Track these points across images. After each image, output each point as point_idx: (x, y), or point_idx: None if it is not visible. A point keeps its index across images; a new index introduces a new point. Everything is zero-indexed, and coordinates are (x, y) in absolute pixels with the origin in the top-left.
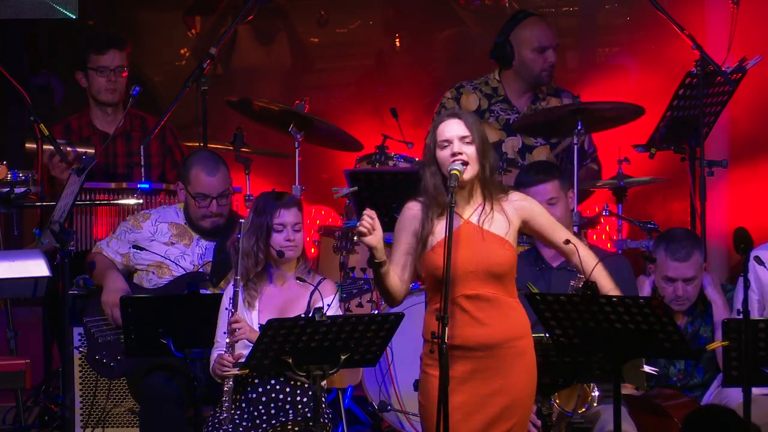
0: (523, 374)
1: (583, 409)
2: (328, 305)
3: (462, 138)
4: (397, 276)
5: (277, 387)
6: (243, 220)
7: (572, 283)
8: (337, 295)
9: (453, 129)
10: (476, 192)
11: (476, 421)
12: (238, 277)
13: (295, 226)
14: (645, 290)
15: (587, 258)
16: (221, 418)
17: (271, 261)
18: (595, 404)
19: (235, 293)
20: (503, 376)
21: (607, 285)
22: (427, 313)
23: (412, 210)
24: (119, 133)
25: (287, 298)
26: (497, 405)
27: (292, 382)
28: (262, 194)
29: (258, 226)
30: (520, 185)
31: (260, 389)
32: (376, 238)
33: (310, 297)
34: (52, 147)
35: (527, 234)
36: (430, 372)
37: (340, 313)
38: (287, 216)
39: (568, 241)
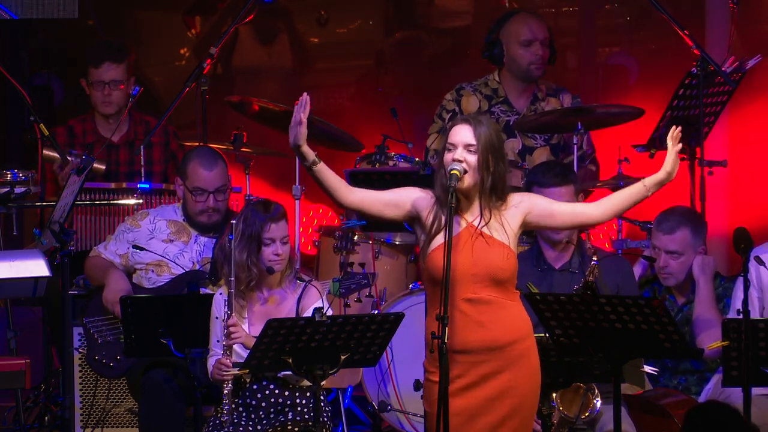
0: (527, 376)
1: (587, 414)
2: (318, 308)
3: (467, 146)
4: (338, 177)
5: (276, 391)
6: (234, 221)
7: (575, 288)
8: (326, 298)
9: (460, 135)
10: (476, 200)
11: (482, 424)
12: (233, 279)
13: (283, 239)
14: (641, 265)
15: (589, 207)
16: (222, 420)
17: (260, 273)
18: (597, 409)
19: (230, 294)
20: (508, 379)
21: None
22: (428, 318)
23: (425, 193)
24: (122, 142)
25: (275, 305)
26: (503, 407)
27: (290, 385)
28: (248, 205)
29: (248, 239)
30: (534, 184)
31: (259, 395)
32: (303, 130)
33: (298, 303)
34: (59, 156)
35: (534, 228)
36: (433, 379)
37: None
38: (276, 230)
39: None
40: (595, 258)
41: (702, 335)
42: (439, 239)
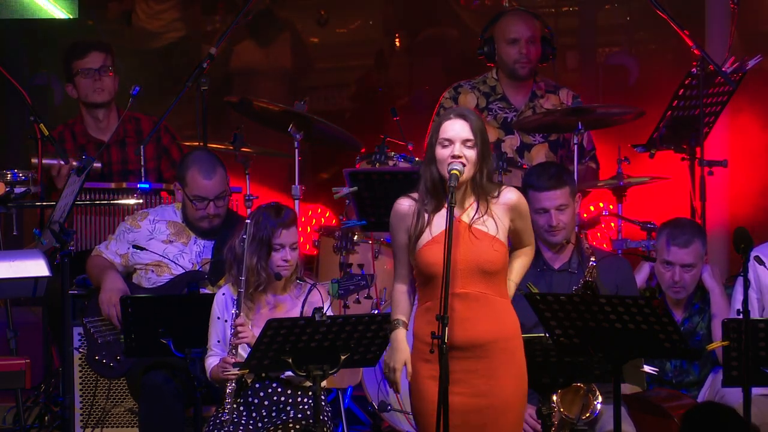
0: (511, 376)
1: (587, 415)
2: (318, 308)
3: (465, 141)
4: (407, 292)
5: (279, 390)
6: (248, 220)
7: (574, 288)
8: (330, 301)
9: (457, 130)
10: (469, 192)
11: (466, 424)
12: (243, 278)
13: (293, 245)
14: (643, 272)
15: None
16: (223, 419)
17: (267, 277)
18: (597, 410)
19: (240, 294)
20: (491, 377)
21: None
22: (417, 311)
23: (403, 206)
24: (113, 141)
25: (280, 309)
26: (486, 406)
27: (292, 385)
28: (260, 209)
29: (258, 243)
30: (530, 187)
31: (261, 393)
32: (408, 363)
33: (302, 306)
34: (54, 162)
35: None
36: (422, 372)
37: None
38: (287, 236)
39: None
40: (593, 258)
41: None
42: (426, 236)
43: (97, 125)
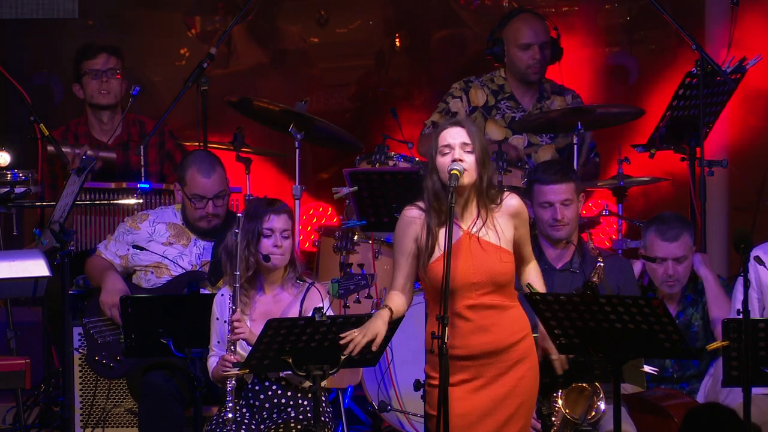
0: (529, 373)
1: (593, 413)
2: (318, 307)
3: (463, 145)
4: (401, 295)
5: (279, 392)
6: (240, 214)
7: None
8: (328, 300)
9: (455, 136)
10: (473, 202)
11: (490, 423)
12: (237, 273)
13: (284, 232)
14: (636, 267)
15: (524, 274)
16: (225, 418)
17: (260, 268)
18: (602, 410)
19: (235, 290)
20: (513, 378)
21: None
22: (429, 325)
23: (411, 214)
24: (116, 144)
25: (278, 306)
26: (511, 406)
27: (293, 386)
28: (253, 199)
29: (249, 231)
30: (535, 181)
31: (262, 396)
32: (378, 337)
33: (301, 304)
34: (70, 150)
35: None
36: (436, 384)
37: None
38: (276, 222)
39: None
40: (600, 259)
41: None
42: (437, 252)
43: (101, 127)
